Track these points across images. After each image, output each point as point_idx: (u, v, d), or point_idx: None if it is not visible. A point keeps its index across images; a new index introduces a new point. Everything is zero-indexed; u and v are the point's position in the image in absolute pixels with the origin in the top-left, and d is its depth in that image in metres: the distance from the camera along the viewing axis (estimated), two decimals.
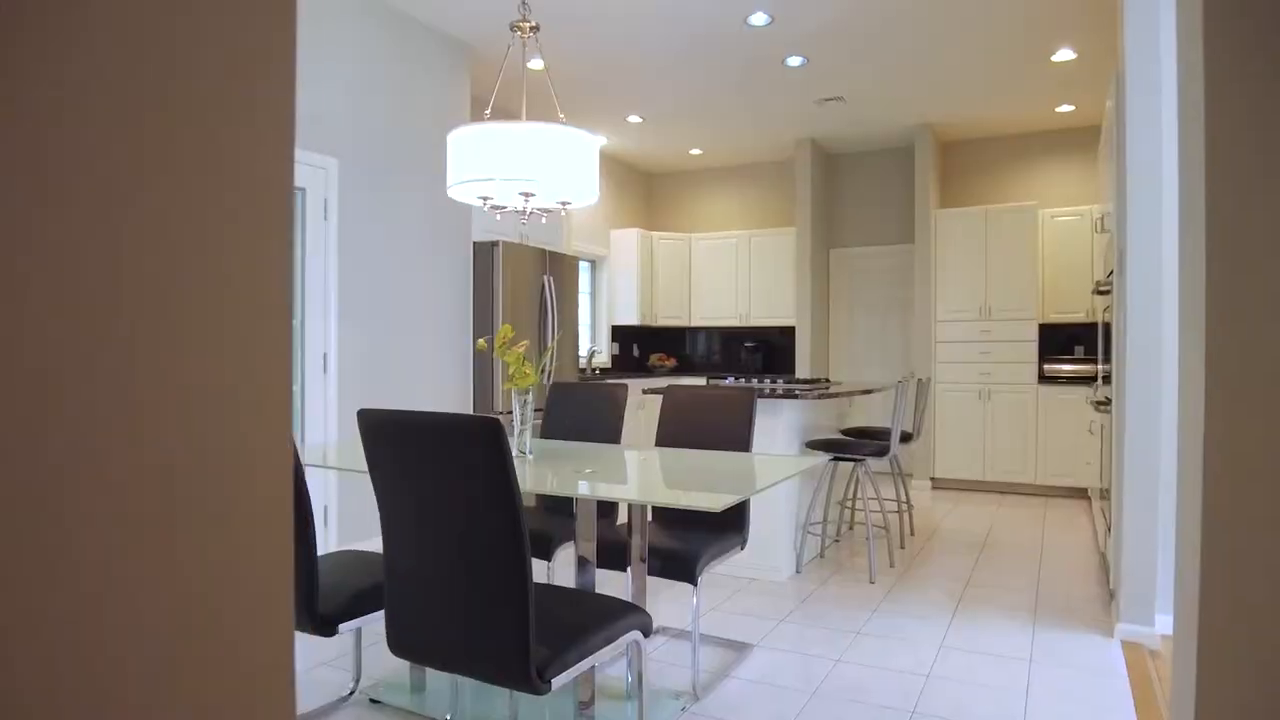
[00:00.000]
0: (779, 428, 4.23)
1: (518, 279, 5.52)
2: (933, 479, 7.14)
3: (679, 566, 2.66)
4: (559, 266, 5.94)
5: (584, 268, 8.29)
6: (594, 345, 8.26)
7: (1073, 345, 7.14)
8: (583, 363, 7.82)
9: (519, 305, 5.53)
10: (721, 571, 4.33)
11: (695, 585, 2.65)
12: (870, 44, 5.35)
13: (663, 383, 7.94)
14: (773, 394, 4.12)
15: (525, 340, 2.74)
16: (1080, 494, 6.69)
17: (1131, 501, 3.32)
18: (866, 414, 7.40)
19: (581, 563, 2.58)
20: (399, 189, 4.89)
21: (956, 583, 4.17)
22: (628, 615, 2.05)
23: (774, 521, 4.22)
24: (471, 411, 5.43)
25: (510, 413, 2.70)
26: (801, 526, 4.45)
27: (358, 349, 4.65)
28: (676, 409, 3.27)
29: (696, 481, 2.37)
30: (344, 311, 4.57)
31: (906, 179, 7.77)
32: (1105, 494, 4.42)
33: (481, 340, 2.68)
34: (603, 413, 3.42)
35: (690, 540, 2.80)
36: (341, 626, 2.16)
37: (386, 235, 4.83)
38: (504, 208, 2.93)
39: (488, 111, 2.72)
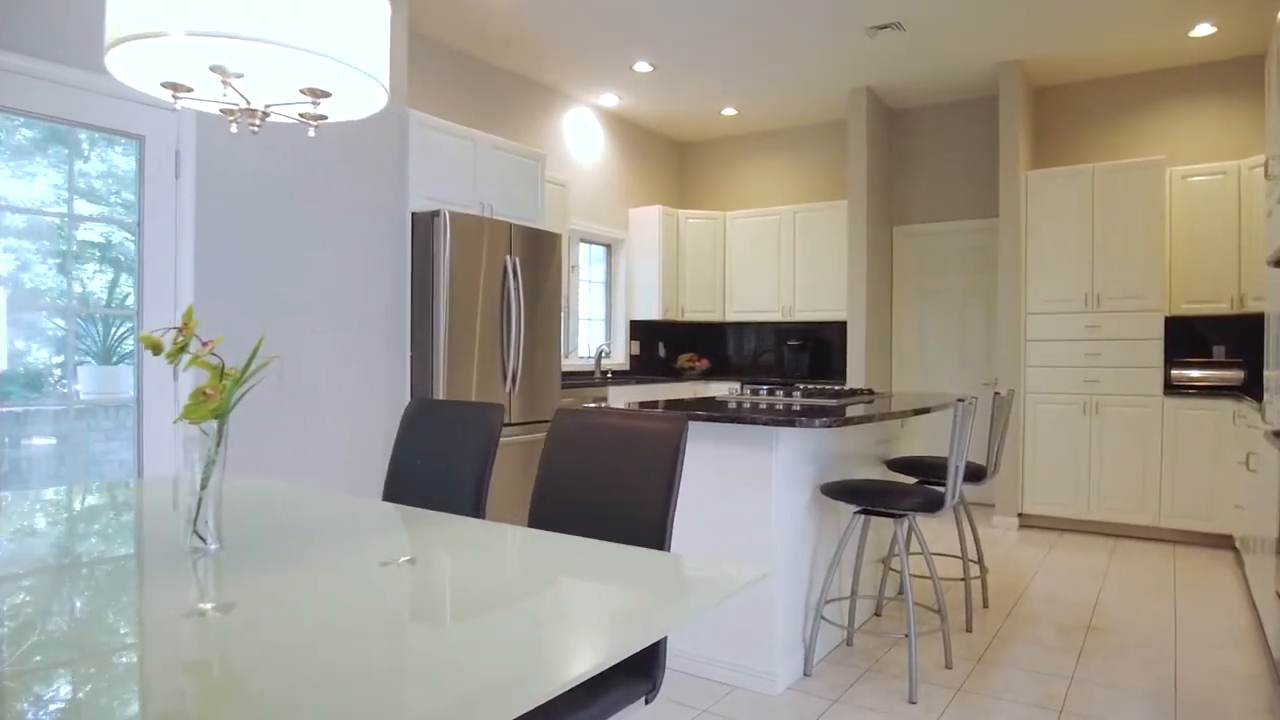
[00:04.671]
0: (776, 467, 2.89)
1: (471, 259, 4.33)
2: (1020, 515, 5.61)
3: None
4: (534, 245, 4.71)
5: (598, 252, 7.05)
6: (604, 344, 7.00)
7: (1209, 344, 5.49)
8: (584, 364, 6.59)
9: (473, 293, 4.33)
10: (690, 671, 3.01)
11: None
12: None
13: (685, 390, 6.64)
14: (757, 417, 2.77)
15: (220, 335, 1.52)
16: (1221, 542, 5.06)
17: None
18: (930, 435, 5.92)
19: None
20: (295, 137, 3.76)
21: (1046, 709, 2.75)
22: None
23: (768, 601, 2.89)
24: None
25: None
26: (815, 608, 3.09)
27: (226, 348, 3.52)
28: (563, 456, 1.99)
29: (468, 649, 1.11)
30: (204, 298, 3.45)
31: (989, 136, 6.23)
32: None
33: (147, 335, 1.48)
34: (460, 452, 2.16)
35: None
36: None
37: (276, 199, 3.70)
38: (234, 111, 1.71)
39: None
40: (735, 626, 2.94)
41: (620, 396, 5.99)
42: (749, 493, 2.92)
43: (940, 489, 3.00)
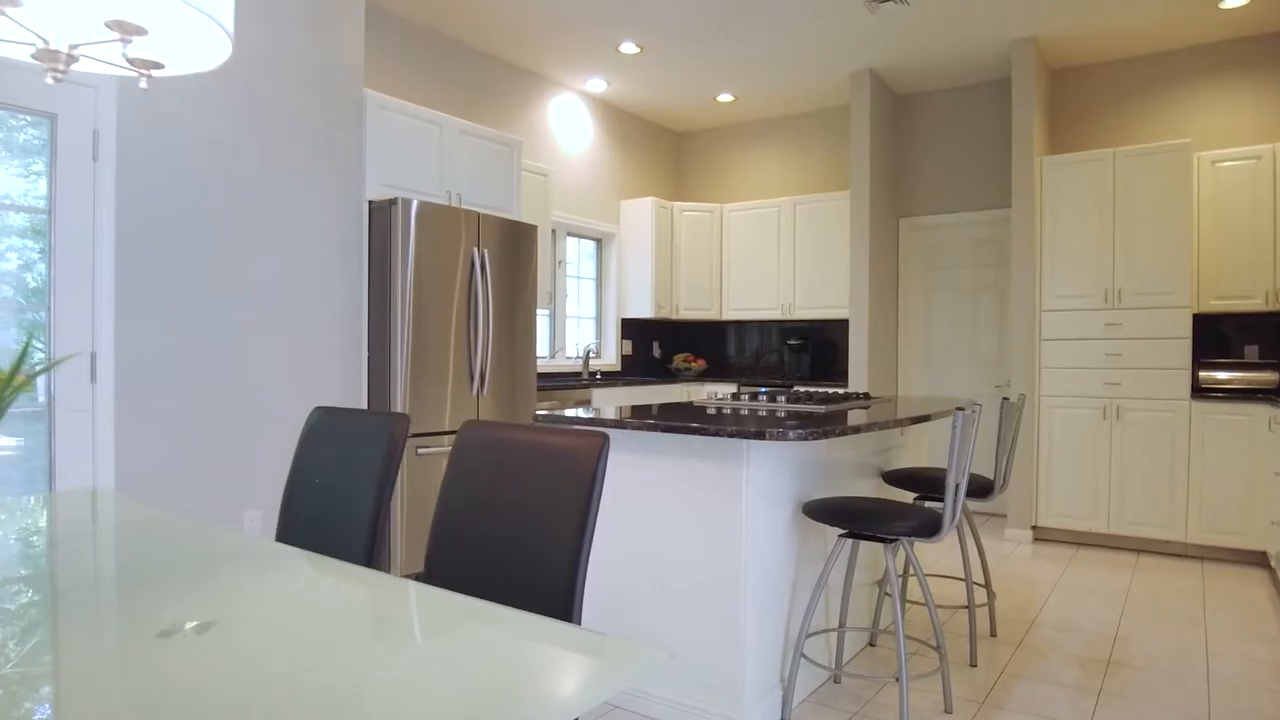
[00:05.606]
0: (748, 484, 2.53)
1: (435, 252, 3.99)
2: (1034, 528, 5.22)
3: None
4: (508, 237, 4.37)
5: (587, 247, 6.71)
6: (593, 343, 6.65)
7: (1240, 344, 5.08)
8: (573, 364, 6.25)
9: (437, 288, 4.00)
10: (644, 713, 2.66)
11: None
12: None
13: (679, 392, 6.29)
14: (722, 428, 2.41)
15: None
16: (1254, 559, 4.65)
17: None
18: (935, 442, 5.53)
19: None
20: (235, 117, 3.43)
21: None
22: None
23: (737, 635, 2.53)
24: None
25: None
26: (795, 642, 2.73)
27: (155, 350, 3.21)
28: (461, 482, 1.64)
29: None
30: (127, 295, 3.14)
31: (1001, 121, 5.84)
32: None
33: None
34: (356, 475, 1.82)
35: None
36: None
37: (212, 185, 3.37)
38: (41, 55, 1.37)
39: None
40: (700, 664, 2.58)
41: (606, 399, 5.64)
42: (717, 512, 2.57)
43: (941, 507, 2.63)
